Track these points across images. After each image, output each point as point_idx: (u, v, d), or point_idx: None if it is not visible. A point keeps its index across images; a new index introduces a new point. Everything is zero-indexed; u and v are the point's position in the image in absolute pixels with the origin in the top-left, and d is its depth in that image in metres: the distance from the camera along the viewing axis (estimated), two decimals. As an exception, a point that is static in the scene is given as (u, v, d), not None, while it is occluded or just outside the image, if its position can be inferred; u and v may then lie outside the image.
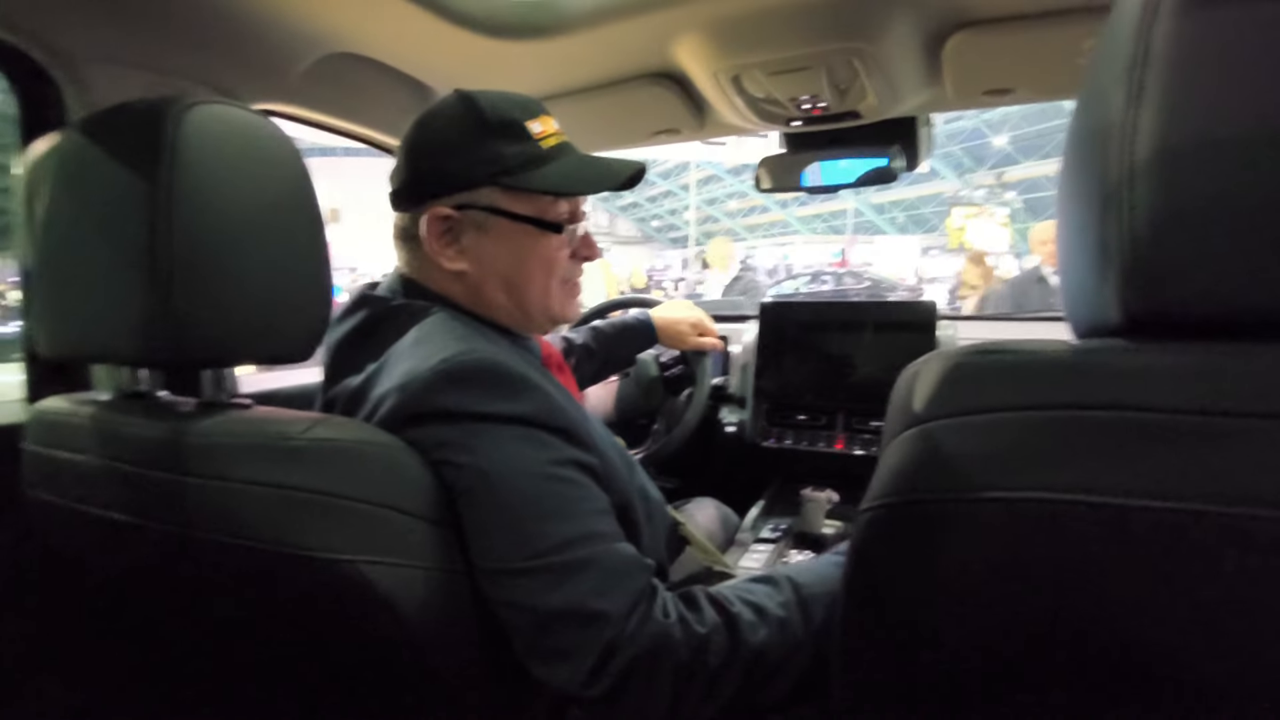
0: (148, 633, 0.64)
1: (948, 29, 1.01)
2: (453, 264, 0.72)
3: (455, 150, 0.71)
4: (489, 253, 0.72)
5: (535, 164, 0.71)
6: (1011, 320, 1.71)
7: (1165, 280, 0.35)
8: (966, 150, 21.55)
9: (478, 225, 0.72)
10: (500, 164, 0.70)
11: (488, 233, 0.72)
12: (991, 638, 0.39)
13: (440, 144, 0.71)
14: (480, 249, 0.72)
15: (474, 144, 0.70)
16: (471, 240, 0.72)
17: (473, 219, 0.71)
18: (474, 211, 0.71)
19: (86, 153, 0.56)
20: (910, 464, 0.41)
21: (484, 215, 0.71)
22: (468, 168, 0.70)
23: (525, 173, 0.71)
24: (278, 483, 0.53)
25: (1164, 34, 0.35)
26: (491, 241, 0.72)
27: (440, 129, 0.72)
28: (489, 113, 0.70)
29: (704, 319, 1.36)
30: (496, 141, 0.70)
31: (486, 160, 0.70)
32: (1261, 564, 0.32)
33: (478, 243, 0.72)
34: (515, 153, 0.70)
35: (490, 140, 0.70)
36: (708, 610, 0.61)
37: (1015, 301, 3.43)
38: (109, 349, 0.57)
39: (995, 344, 0.41)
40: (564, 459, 0.61)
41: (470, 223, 0.72)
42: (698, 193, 27.07)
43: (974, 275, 5.61)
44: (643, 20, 1.01)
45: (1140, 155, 0.35)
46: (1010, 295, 3.56)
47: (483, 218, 0.71)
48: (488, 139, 0.70)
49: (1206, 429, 0.34)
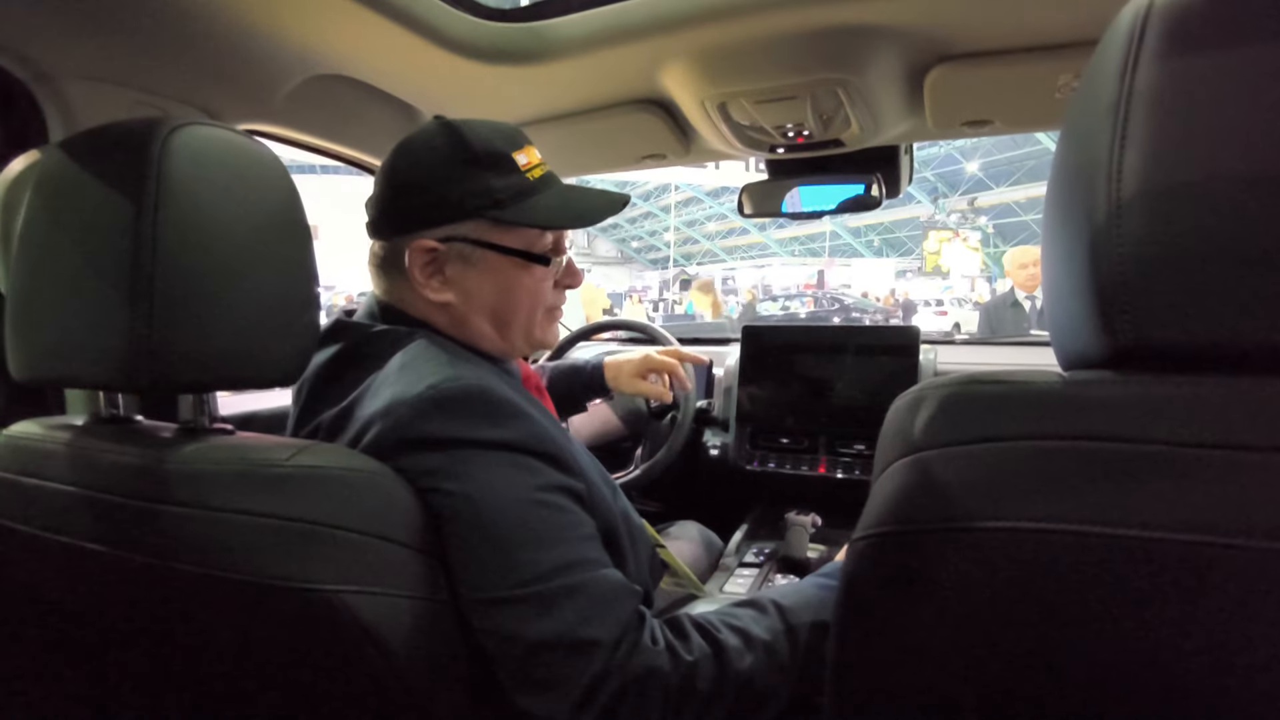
0: (121, 667, 0.62)
1: (929, 62, 1.04)
2: (438, 295, 0.71)
3: (442, 182, 0.69)
4: (475, 285, 0.71)
5: (524, 196, 0.70)
6: (990, 345, 1.74)
7: (1152, 314, 0.36)
8: (940, 176, 22.07)
9: (463, 257, 0.71)
10: (490, 197, 0.69)
11: (474, 265, 0.71)
12: (985, 667, 0.39)
13: (425, 175, 0.70)
14: (466, 281, 0.71)
15: (462, 176, 0.69)
16: (456, 272, 0.71)
17: (458, 251, 0.70)
18: (460, 244, 0.70)
19: (69, 172, 0.55)
20: (903, 494, 0.41)
21: (470, 248, 0.70)
22: (457, 201, 0.69)
23: (515, 206, 0.70)
24: (262, 511, 0.52)
25: (1145, 78, 0.36)
26: (478, 274, 0.71)
27: (425, 160, 0.70)
28: (476, 145, 0.69)
29: (649, 356, 1.22)
30: (485, 174, 0.69)
31: (476, 194, 0.69)
32: (1251, 595, 0.33)
33: (463, 275, 0.71)
34: (504, 186, 0.69)
35: (478, 173, 0.69)
36: (695, 637, 0.60)
37: (990, 326, 3.49)
38: (86, 373, 0.56)
39: (987, 374, 0.42)
40: (551, 485, 0.61)
41: (455, 255, 0.70)
42: (678, 214, 27.34)
43: (703, 303, 5.96)
44: (631, 48, 1.02)
45: (1127, 193, 0.36)
46: (986, 320, 3.61)
47: (469, 250, 0.70)
48: (476, 171, 0.69)
49: (1194, 461, 0.34)
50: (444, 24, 0.99)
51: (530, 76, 1.11)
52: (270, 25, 0.93)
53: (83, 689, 0.64)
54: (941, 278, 20.53)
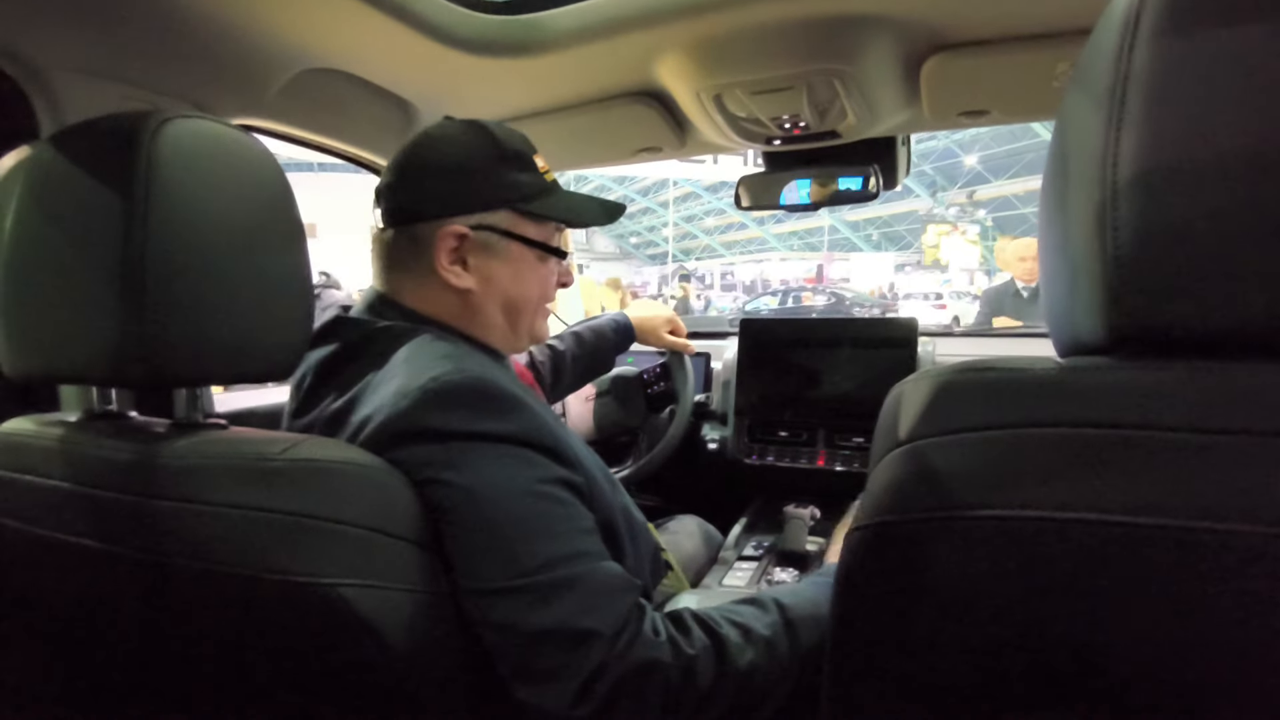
0: (116, 664, 0.62)
1: (926, 52, 1.04)
2: (460, 281, 0.73)
3: (475, 173, 0.73)
4: (496, 273, 0.74)
5: (545, 194, 0.76)
6: (989, 337, 1.74)
7: (1149, 299, 0.36)
8: (939, 169, 22.05)
9: (488, 246, 0.73)
10: (519, 190, 0.74)
11: (497, 255, 0.74)
12: (982, 657, 0.39)
13: (457, 165, 0.73)
14: (488, 269, 0.74)
15: (494, 169, 0.73)
16: (480, 260, 0.73)
17: (484, 240, 0.73)
18: (487, 233, 0.73)
19: (59, 167, 0.55)
20: (899, 483, 0.41)
21: (497, 237, 0.74)
22: (489, 190, 0.73)
23: (538, 200, 0.75)
24: (256, 505, 0.51)
25: (1142, 60, 0.36)
26: (499, 263, 0.74)
27: (455, 152, 0.73)
28: (505, 143, 0.74)
29: (675, 318, 1.41)
30: (513, 169, 0.74)
31: (507, 185, 0.74)
32: (1249, 580, 0.32)
33: (486, 263, 0.74)
34: (529, 181, 0.75)
35: (507, 168, 0.74)
36: (696, 631, 0.61)
37: (991, 313, 3.46)
38: (79, 369, 0.56)
39: (983, 362, 0.41)
40: (551, 478, 0.61)
41: (481, 243, 0.73)
42: (676, 210, 27.32)
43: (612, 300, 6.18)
44: (626, 39, 1.02)
45: (1123, 176, 0.36)
46: (988, 307, 3.58)
47: (494, 239, 0.74)
48: (505, 166, 0.74)
49: (1192, 446, 0.34)
50: (437, 17, 0.98)
51: (524, 69, 1.11)
52: (262, 19, 0.93)
53: (77, 685, 0.64)
54: (940, 271, 20.54)
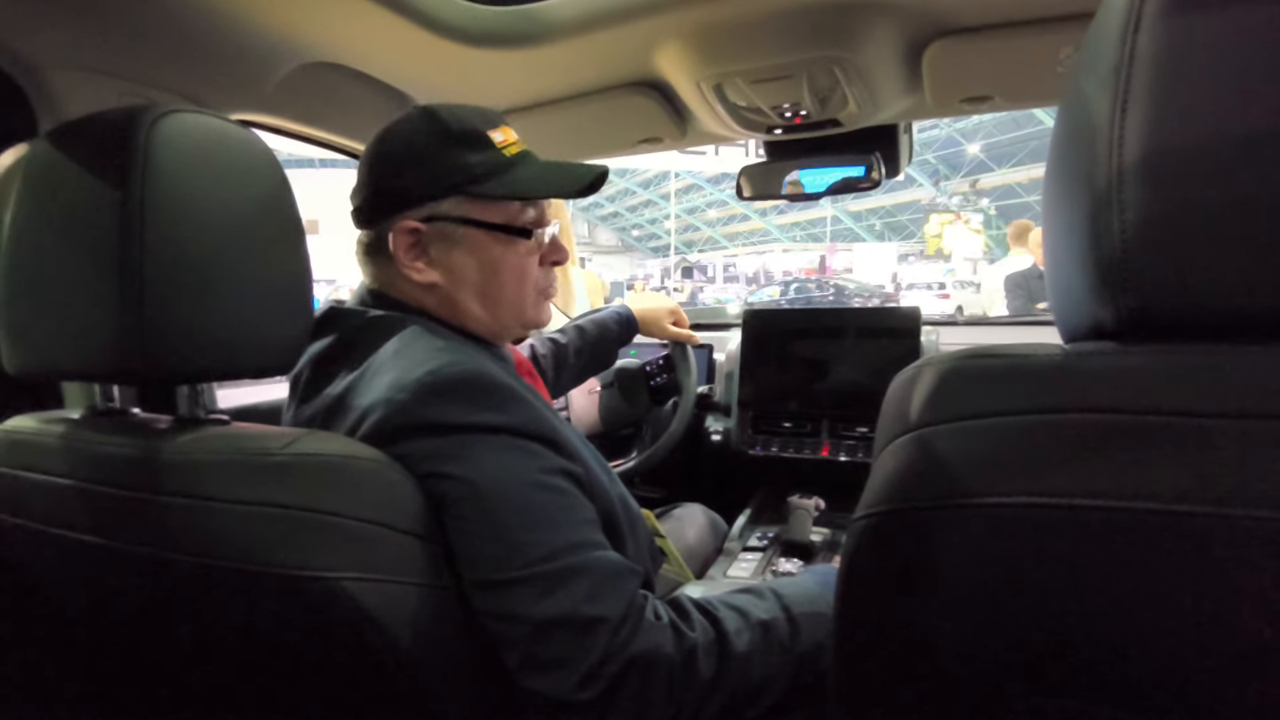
0: (121, 660, 0.62)
1: (927, 37, 1.03)
2: (423, 276, 0.71)
3: (420, 162, 0.70)
4: (459, 263, 0.72)
5: (501, 171, 0.71)
6: (993, 325, 1.73)
7: (1156, 282, 0.36)
8: (941, 158, 21.95)
9: (446, 236, 0.71)
10: (467, 173, 0.70)
11: (457, 243, 0.72)
12: (987, 645, 0.39)
13: (403, 156, 0.71)
14: (450, 260, 0.72)
15: (439, 155, 0.70)
16: (440, 252, 0.72)
17: (441, 230, 0.71)
18: (442, 223, 0.71)
19: (56, 163, 0.55)
20: (904, 471, 0.40)
21: (452, 226, 0.71)
22: (434, 179, 0.70)
23: (492, 180, 0.71)
24: (259, 500, 0.51)
25: (1148, 38, 0.35)
26: (462, 252, 0.72)
27: (402, 142, 0.71)
28: (452, 124, 0.70)
29: (678, 309, 1.38)
30: (461, 151, 0.70)
31: (453, 170, 0.70)
32: (1256, 565, 0.32)
33: (447, 254, 0.72)
34: (480, 161, 0.70)
35: (455, 150, 0.70)
36: (696, 615, 0.62)
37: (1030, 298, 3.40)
38: (80, 365, 0.56)
39: (987, 348, 0.41)
40: (552, 468, 0.61)
41: (438, 234, 0.71)
42: (678, 202, 27.25)
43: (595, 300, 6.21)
44: (625, 29, 1.01)
45: (1128, 158, 0.35)
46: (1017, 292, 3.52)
47: (451, 229, 0.71)
48: (452, 149, 0.70)
49: (1199, 431, 0.34)
50: (435, 9, 0.98)
51: (523, 60, 1.10)
52: (259, 13, 0.92)
53: (83, 681, 0.64)
54: (944, 261, 20.47)
